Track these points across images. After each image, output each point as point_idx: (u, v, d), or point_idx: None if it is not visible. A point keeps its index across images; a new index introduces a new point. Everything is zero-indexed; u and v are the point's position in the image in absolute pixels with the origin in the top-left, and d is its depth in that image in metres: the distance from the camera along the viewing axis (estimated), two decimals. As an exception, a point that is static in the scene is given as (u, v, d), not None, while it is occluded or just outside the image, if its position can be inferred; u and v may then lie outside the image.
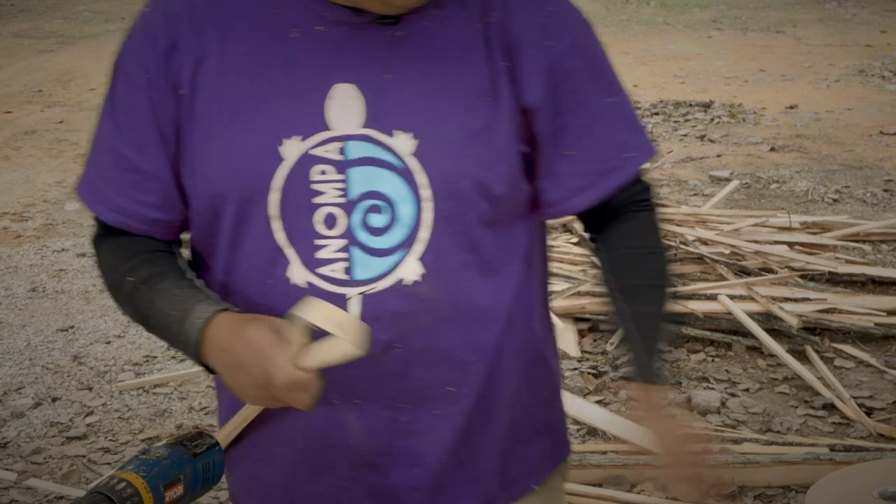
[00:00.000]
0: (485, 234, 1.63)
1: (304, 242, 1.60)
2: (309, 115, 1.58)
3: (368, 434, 1.66)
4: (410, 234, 1.59)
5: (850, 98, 10.80)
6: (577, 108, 1.65)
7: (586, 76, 1.66)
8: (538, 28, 1.62)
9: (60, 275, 6.33)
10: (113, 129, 1.68)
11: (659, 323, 1.69)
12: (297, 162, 1.58)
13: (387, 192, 1.58)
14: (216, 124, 1.60)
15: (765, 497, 3.87)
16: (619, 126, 1.70)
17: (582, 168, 1.67)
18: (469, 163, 1.59)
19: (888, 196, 7.53)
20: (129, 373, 5.03)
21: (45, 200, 7.75)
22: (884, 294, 5.66)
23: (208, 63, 1.61)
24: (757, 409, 4.53)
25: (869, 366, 4.91)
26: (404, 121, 1.57)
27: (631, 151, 1.71)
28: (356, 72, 1.58)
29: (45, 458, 4.29)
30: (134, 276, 1.67)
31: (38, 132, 9.83)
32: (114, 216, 1.70)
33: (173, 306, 1.61)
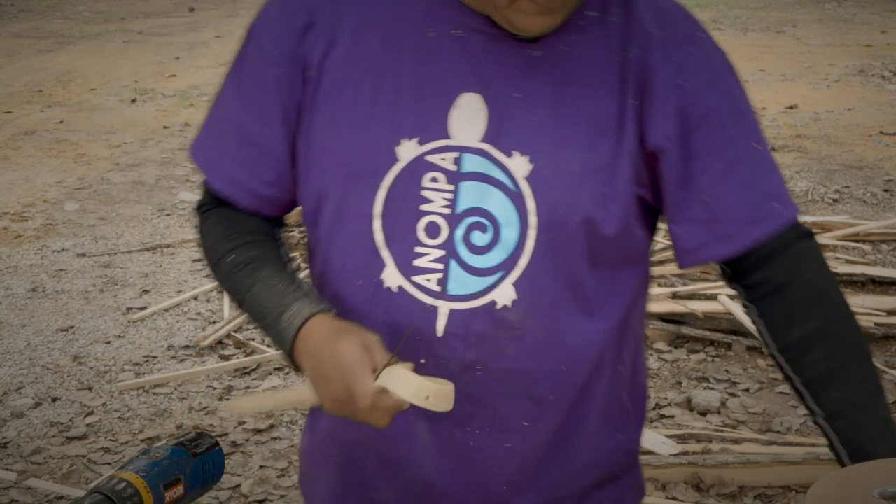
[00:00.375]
0: (587, 273, 1.57)
1: (402, 247, 1.57)
2: (431, 119, 1.54)
3: (436, 450, 1.64)
4: (510, 258, 1.54)
5: (850, 98, 10.80)
6: (716, 151, 1.54)
7: (726, 118, 1.55)
8: (675, 66, 1.53)
9: (60, 275, 6.33)
10: (237, 99, 1.66)
11: (878, 397, 1.56)
12: (410, 165, 1.55)
13: (494, 211, 1.53)
14: (337, 112, 1.58)
15: (765, 497, 3.87)
16: (764, 173, 1.57)
17: (725, 215, 1.56)
18: (582, 198, 1.52)
19: (888, 196, 7.53)
20: (129, 373, 5.03)
21: (44, 200, 7.75)
22: (884, 294, 5.65)
23: (340, 47, 1.59)
24: (757, 409, 4.53)
25: (869, 366, 4.89)
26: (524, 143, 1.52)
27: (781, 202, 1.58)
28: (486, 84, 1.54)
29: (45, 458, 4.29)
30: (235, 256, 1.67)
31: (38, 132, 9.83)
32: (226, 186, 1.68)
33: (271, 298, 1.59)
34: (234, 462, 4.21)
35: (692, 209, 1.56)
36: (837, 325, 1.57)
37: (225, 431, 4.44)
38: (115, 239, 6.93)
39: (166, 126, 10.10)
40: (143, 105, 11.11)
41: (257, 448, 4.33)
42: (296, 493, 4.00)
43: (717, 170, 1.54)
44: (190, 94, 11.59)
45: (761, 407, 4.55)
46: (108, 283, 6.18)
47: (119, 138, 9.62)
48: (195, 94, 11.53)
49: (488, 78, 1.54)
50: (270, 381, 4.87)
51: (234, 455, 4.27)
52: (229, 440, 4.36)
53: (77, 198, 7.82)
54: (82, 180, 8.28)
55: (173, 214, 7.44)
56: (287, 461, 4.22)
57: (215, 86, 1.76)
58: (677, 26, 1.57)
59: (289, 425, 4.50)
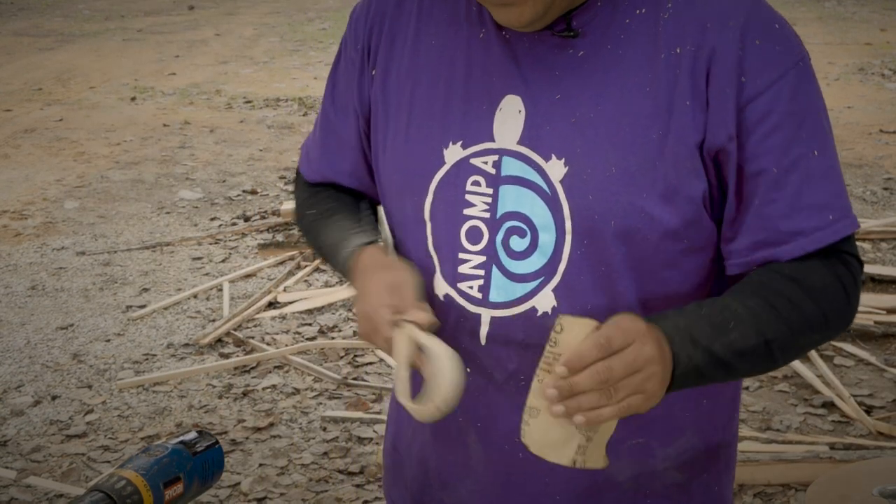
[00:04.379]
0: (629, 280, 1.52)
1: (449, 252, 1.57)
2: (477, 122, 1.54)
3: (486, 462, 1.63)
4: (549, 264, 1.51)
5: (850, 96, 10.80)
6: (772, 155, 1.46)
7: (788, 120, 1.46)
8: (736, 62, 1.45)
9: (60, 273, 6.33)
10: (329, 93, 1.75)
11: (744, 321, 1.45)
12: (454, 168, 1.55)
13: (531, 215, 1.51)
14: (398, 115, 1.61)
15: (764, 495, 3.87)
16: (824, 183, 1.48)
17: (771, 223, 1.48)
18: (619, 203, 1.47)
19: (888, 194, 7.53)
20: (129, 371, 5.03)
21: (44, 199, 7.75)
22: (883, 292, 5.65)
23: (403, 50, 1.61)
24: (756, 408, 4.53)
25: (869, 364, 4.90)
26: (561, 146, 1.49)
27: (835, 214, 1.49)
28: (528, 85, 1.52)
29: (45, 456, 4.29)
30: (314, 209, 1.75)
31: (38, 130, 9.83)
32: (312, 175, 1.79)
33: (335, 236, 1.68)
34: (233, 460, 4.21)
35: (741, 213, 1.50)
36: (776, 290, 1.48)
37: (225, 430, 4.44)
38: (115, 237, 6.93)
39: (166, 124, 10.09)
40: (142, 103, 11.11)
41: (257, 446, 4.33)
42: (295, 490, 4.00)
43: (771, 175, 1.47)
44: (190, 92, 11.58)
45: (761, 405, 4.55)
46: (107, 282, 6.17)
47: (119, 136, 9.62)
48: (195, 93, 11.53)
49: (530, 79, 1.52)
50: (270, 380, 4.87)
51: (234, 453, 4.27)
52: (229, 438, 4.36)
53: (77, 196, 7.82)
54: (82, 178, 8.28)
55: (173, 213, 7.44)
56: (287, 459, 4.22)
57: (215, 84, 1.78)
58: (741, 16, 1.47)
59: (288, 423, 4.50)
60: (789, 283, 1.48)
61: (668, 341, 1.40)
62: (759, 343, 1.45)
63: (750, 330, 1.45)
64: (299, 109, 10.64)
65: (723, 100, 1.45)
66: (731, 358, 1.44)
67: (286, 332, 5.42)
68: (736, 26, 1.46)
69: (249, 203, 7.63)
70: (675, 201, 1.48)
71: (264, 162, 8.76)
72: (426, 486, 1.72)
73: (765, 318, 1.45)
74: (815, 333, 1.51)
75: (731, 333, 1.44)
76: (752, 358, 1.46)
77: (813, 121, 1.49)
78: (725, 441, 1.69)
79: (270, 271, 6.26)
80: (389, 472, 1.83)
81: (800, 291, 1.47)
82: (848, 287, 1.51)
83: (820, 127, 1.50)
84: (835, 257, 1.50)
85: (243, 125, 10.10)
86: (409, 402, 1.48)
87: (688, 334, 1.42)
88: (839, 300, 1.51)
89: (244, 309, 5.63)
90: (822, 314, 1.49)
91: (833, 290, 1.50)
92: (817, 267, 1.49)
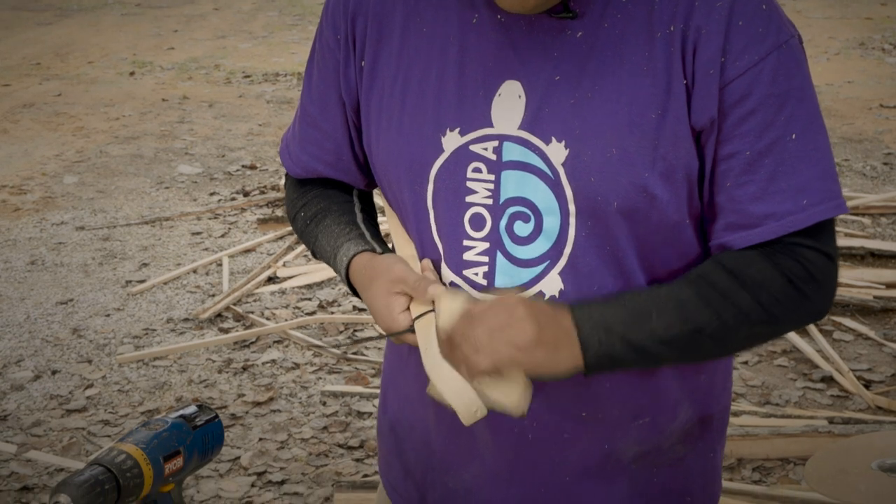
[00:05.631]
0: (635, 258, 1.53)
1: (452, 240, 1.57)
2: (474, 108, 1.53)
3: (494, 446, 1.63)
4: (554, 247, 1.52)
5: (850, 71, 10.77)
6: (746, 138, 1.46)
7: (766, 103, 1.45)
8: (720, 43, 1.44)
9: (59, 248, 6.33)
10: (306, 84, 1.74)
11: (664, 309, 1.47)
12: (454, 155, 1.54)
13: (535, 200, 1.51)
14: (390, 105, 1.59)
15: (763, 469, 3.88)
16: (800, 167, 1.47)
17: (741, 206, 1.48)
18: (620, 183, 1.47)
19: (888, 169, 7.52)
20: (129, 346, 5.03)
21: (43, 173, 7.74)
22: (883, 267, 5.65)
23: (391, 39, 1.60)
24: (756, 382, 4.54)
25: (868, 339, 4.91)
26: (561, 128, 1.49)
27: (811, 198, 1.47)
28: (526, 69, 1.51)
29: (45, 430, 4.30)
30: (305, 212, 1.76)
31: (37, 105, 9.81)
32: (294, 168, 1.77)
33: (329, 243, 1.70)
34: (233, 434, 4.22)
35: (716, 195, 1.50)
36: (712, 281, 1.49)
37: (224, 404, 4.45)
38: (114, 212, 6.93)
39: (164, 99, 10.07)
40: (141, 78, 11.08)
41: (257, 420, 4.34)
42: (295, 465, 4.01)
43: (744, 158, 1.46)
44: (188, 66, 11.55)
45: (760, 380, 4.56)
46: (107, 256, 6.17)
47: (117, 111, 9.61)
48: (193, 67, 11.50)
49: (528, 62, 1.51)
50: (270, 354, 4.87)
51: (234, 427, 4.28)
52: (229, 413, 4.37)
53: (76, 171, 7.81)
54: (81, 153, 8.27)
55: (172, 187, 7.43)
56: (286, 433, 4.23)
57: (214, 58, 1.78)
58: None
59: (288, 398, 4.50)
60: (726, 274, 1.48)
61: (577, 329, 1.45)
62: (685, 331, 1.47)
63: (674, 319, 1.46)
64: (298, 84, 10.61)
65: (707, 81, 1.45)
66: (652, 345, 1.47)
67: (286, 306, 5.42)
68: (723, 6, 1.45)
69: (248, 178, 7.63)
70: (675, 180, 1.48)
71: (263, 136, 8.75)
72: (429, 469, 1.72)
73: (692, 308, 1.47)
74: (759, 326, 1.50)
75: (652, 322, 1.46)
76: (678, 346, 1.48)
77: (794, 104, 1.47)
78: (720, 410, 1.71)
79: (270, 246, 6.26)
80: (386, 455, 1.83)
81: (734, 284, 1.48)
82: (797, 282, 1.49)
83: (802, 110, 1.48)
84: (783, 252, 1.49)
85: (242, 100, 10.08)
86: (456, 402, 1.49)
87: (601, 322, 1.46)
88: (786, 295, 1.49)
89: (244, 284, 5.63)
90: (761, 307, 1.48)
91: (776, 284, 1.48)
92: (757, 260, 1.49)
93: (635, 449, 1.63)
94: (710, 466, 1.72)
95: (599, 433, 1.61)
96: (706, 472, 1.72)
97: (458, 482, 1.68)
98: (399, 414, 1.77)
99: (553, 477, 1.63)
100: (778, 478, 3.83)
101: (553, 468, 1.63)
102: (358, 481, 3.77)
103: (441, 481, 1.71)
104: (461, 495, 1.68)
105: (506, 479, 1.65)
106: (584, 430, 1.61)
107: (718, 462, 1.76)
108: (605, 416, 1.60)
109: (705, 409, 1.68)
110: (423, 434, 1.71)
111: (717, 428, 1.72)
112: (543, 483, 1.64)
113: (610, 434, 1.61)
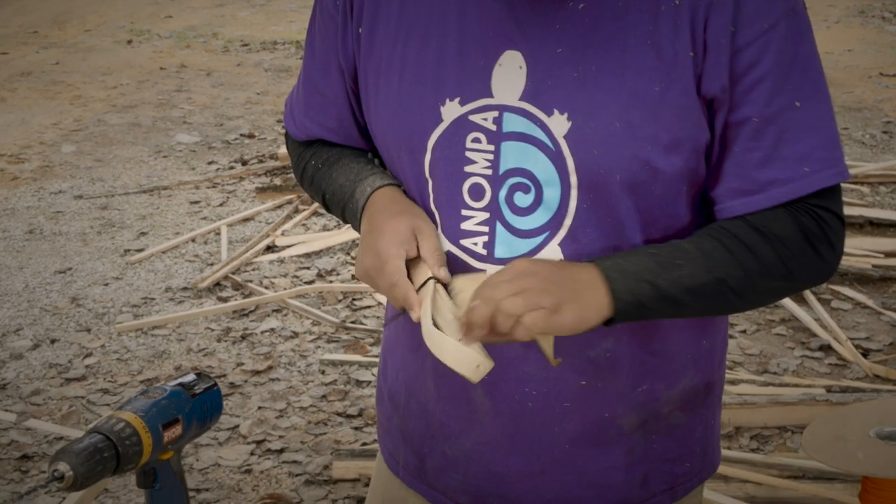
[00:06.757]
0: (637, 230, 1.53)
1: (450, 210, 1.57)
2: (474, 78, 1.52)
3: (494, 414, 1.63)
4: (554, 219, 1.52)
5: (850, 39, 10.74)
6: (754, 105, 1.46)
7: (774, 71, 1.45)
8: (731, 12, 1.44)
9: (58, 217, 6.32)
10: (308, 50, 1.73)
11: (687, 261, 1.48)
12: (453, 125, 1.53)
13: (535, 171, 1.51)
14: (388, 73, 1.58)
15: (761, 437, 3.89)
16: (803, 135, 1.48)
17: (747, 172, 1.49)
18: (623, 156, 1.47)
19: (887, 138, 7.51)
20: (128, 314, 5.03)
21: (41, 142, 7.73)
22: (881, 236, 5.66)
23: (390, 6, 1.59)
24: (754, 351, 4.55)
25: (866, 307, 4.92)
26: (563, 100, 1.48)
27: (813, 166, 1.49)
28: (528, 40, 1.49)
29: (45, 399, 4.31)
30: (315, 160, 1.75)
31: (34, 73, 9.78)
32: (298, 133, 1.77)
33: (349, 177, 1.67)
34: (232, 403, 4.23)
35: (722, 161, 1.51)
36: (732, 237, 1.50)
37: (223, 373, 4.46)
38: (113, 181, 6.92)
39: (162, 67, 10.04)
40: (139, 46, 11.04)
41: (256, 389, 4.34)
42: (294, 433, 4.02)
43: (752, 125, 1.47)
44: (186, 35, 11.51)
45: (758, 348, 4.57)
46: (105, 226, 6.17)
47: (115, 80, 9.58)
48: (191, 35, 11.46)
49: (530, 34, 1.49)
50: (268, 323, 4.88)
51: (233, 396, 4.29)
52: (228, 381, 4.38)
53: (74, 140, 7.79)
54: (79, 122, 8.25)
55: (170, 156, 7.42)
56: (285, 402, 4.24)
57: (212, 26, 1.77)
58: None
59: (287, 367, 4.51)
60: (748, 228, 1.49)
61: (605, 278, 1.44)
62: (710, 281, 1.47)
63: (699, 268, 1.47)
64: (297, 52, 10.58)
65: (718, 50, 1.45)
66: (679, 293, 1.47)
67: (284, 275, 5.42)
68: None
69: (247, 147, 7.61)
70: (679, 152, 1.48)
71: (262, 105, 8.73)
72: (428, 437, 1.72)
73: (717, 258, 1.48)
74: (777, 281, 1.51)
75: (680, 270, 1.46)
76: (703, 295, 1.48)
77: (800, 72, 1.48)
78: (719, 376, 1.72)
79: (268, 215, 6.25)
80: (385, 422, 1.83)
81: (758, 237, 1.49)
82: (814, 240, 1.50)
83: (808, 79, 1.49)
84: (805, 210, 1.50)
85: (240, 68, 10.05)
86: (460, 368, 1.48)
87: (631, 270, 1.45)
88: (803, 252, 1.51)
89: (242, 252, 5.63)
90: (781, 262, 1.50)
91: (796, 241, 1.50)
92: (781, 216, 1.50)
93: (634, 416, 1.63)
94: (709, 433, 1.73)
95: (599, 401, 1.61)
96: (705, 439, 1.73)
97: (458, 450, 1.69)
98: (398, 382, 1.77)
99: (552, 445, 1.64)
100: (776, 446, 3.84)
101: (552, 436, 1.63)
102: (357, 449, 3.79)
103: (440, 449, 1.71)
104: (461, 463, 1.69)
105: (505, 447, 1.65)
106: (584, 399, 1.61)
107: (717, 429, 1.76)
108: (604, 385, 1.60)
109: (708, 376, 1.69)
110: (422, 402, 1.71)
111: (717, 394, 1.73)
112: (543, 451, 1.64)
113: (609, 402, 1.62)
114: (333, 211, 1.73)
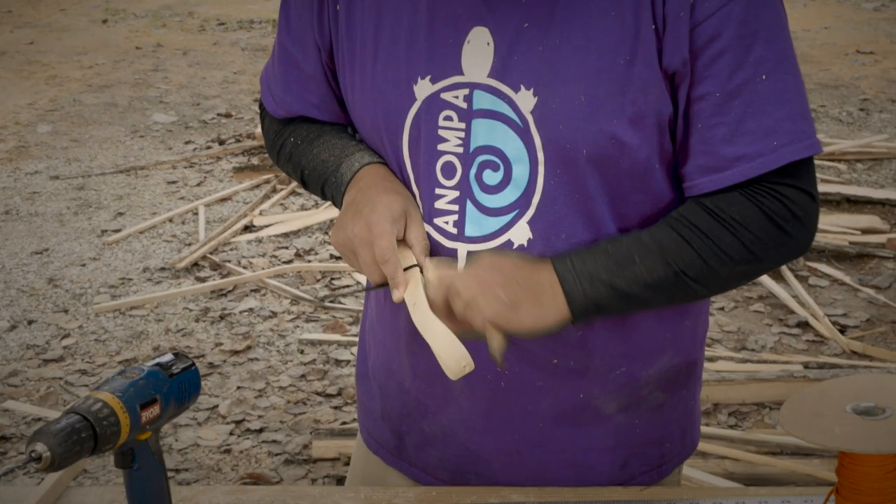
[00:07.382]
0: (605, 207, 1.52)
1: (427, 189, 1.56)
2: (444, 56, 1.51)
3: (469, 392, 1.63)
4: (523, 197, 1.51)
5: (827, 16, 10.76)
6: (716, 80, 1.44)
7: (735, 44, 1.43)
8: None
9: (34, 197, 6.29)
10: (283, 26, 1.69)
11: (643, 256, 1.48)
12: (425, 103, 1.53)
13: (504, 148, 1.50)
14: (363, 51, 1.57)
15: (739, 414, 3.91)
16: (770, 108, 1.45)
17: (713, 148, 1.47)
18: (589, 130, 1.46)
19: (864, 115, 7.53)
20: (105, 295, 5.02)
21: (16, 122, 7.68)
22: (858, 213, 5.68)
23: None
24: (731, 328, 4.56)
25: (843, 284, 4.94)
26: (530, 76, 1.47)
27: (782, 139, 1.46)
28: (494, 15, 1.48)
29: (22, 380, 4.29)
30: (295, 136, 1.72)
31: (9, 53, 9.71)
32: (278, 111, 1.74)
33: (333, 153, 1.65)
34: (211, 383, 4.23)
35: (687, 137, 1.49)
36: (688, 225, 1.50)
37: (202, 353, 4.45)
38: (89, 161, 6.88)
39: (138, 47, 9.98)
40: (114, 25, 10.97)
41: (234, 369, 4.34)
42: (273, 413, 4.02)
43: (714, 99, 1.45)
44: (162, 14, 11.44)
45: (736, 325, 4.58)
46: (82, 206, 6.14)
47: (91, 59, 9.52)
48: (167, 14, 11.39)
49: (497, 9, 1.49)
50: (247, 303, 4.87)
51: (212, 376, 4.28)
52: (206, 361, 4.37)
53: (49, 120, 7.75)
54: (54, 102, 8.20)
55: (147, 136, 7.39)
56: (264, 382, 4.24)
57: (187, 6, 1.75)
58: None
59: (266, 346, 4.51)
60: (706, 214, 1.49)
61: (560, 281, 1.46)
62: (669, 273, 1.48)
63: (657, 262, 1.48)
64: (273, 31, 10.52)
65: (678, 24, 1.43)
66: (637, 290, 1.48)
67: (262, 255, 5.41)
68: None
69: (224, 126, 7.58)
70: (644, 126, 1.47)
71: (238, 85, 8.70)
72: (406, 415, 1.72)
73: (674, 250, 1.48)
74: (741, 265, 1.50)
75: (637, 266, 1.47)
76: (663, 289, 1.49)
77: (764, 45, 1.45)
78: (700, 355, 1.72)
79: (246, 195, 6.23)
80: (364, 402, 1.83)
81: (715, 223, 1.48)
82: (778, 220, 1.49)
83: (774, 51, 1.46)
84: (765, 191, 1.48)
85: (217, 47, 10.00)
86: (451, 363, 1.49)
87: (584, 272, 1.47)
88: (767, 233, 1.49)
89: (220, 232, 5.61)
90: (743, 246, 1.49)
91: (756, 223, 1.48)
92: (738, 200, 1.48)
93: (613, 398, 1.64)
94: (689, 413, 1.74)
95: (574, 382, 1.61)
96: (685, 419, 1.73)
97: (436, 427, 1.69)
98: (377, 361, 1.77)
99: (527, 424, 1.64)
100: (753, 422, 3.86)
101: (526, 416, 1.63)
102: (336, 429, 3.79)
103: (418, 427, 1.71)
104: (439, 439, 1.69)
105: (480, 425, 1.66)
106: (558, 379, 1.61)
107: (697, 409, 1.77)
108: (578, 365, 1.60)
109: (689, 355, 1.69)
110: (400, 381, 1.72)
111: (698, 374, 1.73)
112: (517, 430, 1.65)
113: (585, 383, 1.62)
114: (311, 187, 1.71)
